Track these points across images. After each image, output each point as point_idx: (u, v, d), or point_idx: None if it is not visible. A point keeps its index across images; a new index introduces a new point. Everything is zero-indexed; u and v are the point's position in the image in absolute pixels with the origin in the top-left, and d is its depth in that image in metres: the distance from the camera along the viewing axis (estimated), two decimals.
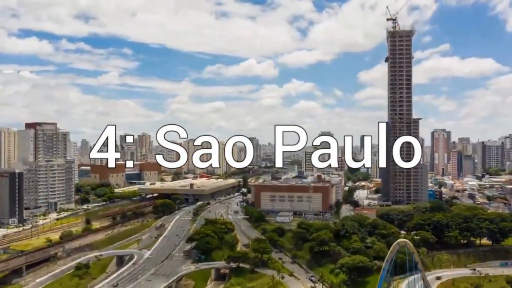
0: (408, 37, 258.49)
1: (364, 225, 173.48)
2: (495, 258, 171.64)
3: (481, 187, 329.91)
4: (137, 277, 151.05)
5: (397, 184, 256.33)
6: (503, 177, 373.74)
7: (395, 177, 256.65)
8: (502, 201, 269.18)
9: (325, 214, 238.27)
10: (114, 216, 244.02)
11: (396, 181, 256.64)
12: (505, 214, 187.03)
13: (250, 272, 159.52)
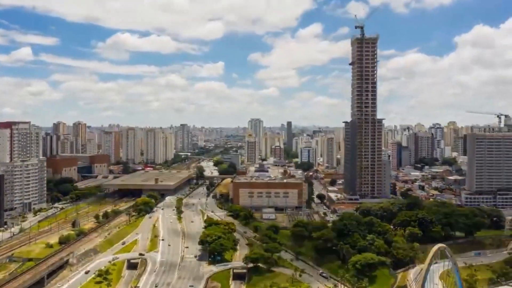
0: (373, 44, 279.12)
1: (361, 223, 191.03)
2: (470, 249, 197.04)
3: (424, 178, 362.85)
4: (168, 282, 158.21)
5: (363, 179, 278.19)
6: (441, 167, 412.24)
7: (361, 173, 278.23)
8: (452, 192, 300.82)
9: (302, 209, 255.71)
10: (97, 216, 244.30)
11: (362, 176, 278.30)
12: (476, 210, 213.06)
13: (267, 271, 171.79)
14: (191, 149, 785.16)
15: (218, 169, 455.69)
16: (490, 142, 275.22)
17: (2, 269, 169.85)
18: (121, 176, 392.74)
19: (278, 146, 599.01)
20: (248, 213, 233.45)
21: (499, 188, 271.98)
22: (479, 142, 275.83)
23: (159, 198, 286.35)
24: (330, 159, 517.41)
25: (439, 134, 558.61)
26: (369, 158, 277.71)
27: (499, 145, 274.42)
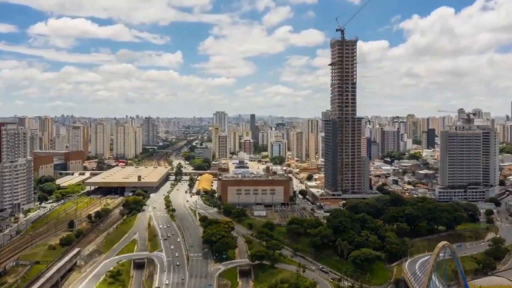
0: (353, 46, 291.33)
1: (354, 220, 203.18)
2: (452, 241, 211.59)
3: (395, 172, 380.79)
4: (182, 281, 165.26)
5: (344, 175, 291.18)
6: (409, 161, 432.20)
7: (342, 169, 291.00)
8: (424, 186, 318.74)
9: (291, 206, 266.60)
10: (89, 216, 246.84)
11: (343, 172, 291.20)
12: (456, 205, 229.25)
13: (271, 268, 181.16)
14: (155, 143, 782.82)
15: (192, 164, 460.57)
16: (461, 139, 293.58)
17: (11, 273, 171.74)
18: (98, 172, 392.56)
19: (247, 140, 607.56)
20: (240, 210, 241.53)
21: (469, 182, 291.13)
22: (451, 139, 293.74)
23: (147, 196, 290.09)
24: (299, 153, 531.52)
25: (402, 127, 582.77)
26: (349, 155, 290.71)
27: (469, 142, 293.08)
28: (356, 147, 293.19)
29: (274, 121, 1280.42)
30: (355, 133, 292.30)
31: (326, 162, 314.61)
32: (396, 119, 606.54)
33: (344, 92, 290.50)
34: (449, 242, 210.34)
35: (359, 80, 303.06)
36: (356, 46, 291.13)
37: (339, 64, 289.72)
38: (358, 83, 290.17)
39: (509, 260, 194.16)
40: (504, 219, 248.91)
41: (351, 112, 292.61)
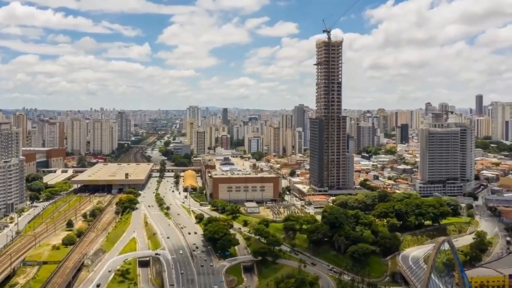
0: (339, 47, 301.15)
1: (349, 216, 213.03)
2: (438, 235, 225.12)
3: (374, 168, 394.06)
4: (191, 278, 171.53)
5: (330, 172, 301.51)
6: (386, 156, 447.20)
7: (328, 166, 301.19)
8: (405, 182, 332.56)
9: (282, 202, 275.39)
10: (84, 215, 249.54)
11: (329, 169, 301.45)
12: (440, 201, 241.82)
13: (273, 264, 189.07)
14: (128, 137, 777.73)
15: (173, 160, 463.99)
16: (440, 136, 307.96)
17: (20, 274, 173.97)
18: (80, 170, 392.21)
19: (224, 135, 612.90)
20: (235, 207, 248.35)
21: (447, 177, 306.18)
22: (431, 137, 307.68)
23: (138, 194, 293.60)
24: (276, 148, 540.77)
25: (375, 122, 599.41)
26: (335, 152, 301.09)
27: (448, 139, 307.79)
28: (341, 144, 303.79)
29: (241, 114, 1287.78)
30: (340, 131, 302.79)
31: (311, 159, 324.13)
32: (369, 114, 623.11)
33: (330, 91, 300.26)
34: (435, 235, 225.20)
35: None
36: (341, 47, 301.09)
37: (325, 64, 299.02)
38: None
39: (492, 252, 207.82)
40: (482, 212, 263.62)
41: (337, 110, 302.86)
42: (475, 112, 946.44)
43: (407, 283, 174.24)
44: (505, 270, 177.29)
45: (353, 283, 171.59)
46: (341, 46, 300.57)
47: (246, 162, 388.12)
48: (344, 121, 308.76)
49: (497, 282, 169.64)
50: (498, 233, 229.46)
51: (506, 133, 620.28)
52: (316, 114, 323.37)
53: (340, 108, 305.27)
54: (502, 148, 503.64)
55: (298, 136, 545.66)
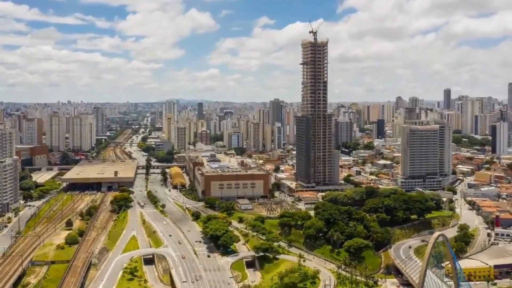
0: (324, 48, 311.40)
1: (342, 212, 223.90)
2: (424, 229, 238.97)
3: (355, 163, 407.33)
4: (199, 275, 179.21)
5: (317, 168, 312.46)
6: (365, 152, 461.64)
7: (314, 162, 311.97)
8: (386, 177, 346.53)
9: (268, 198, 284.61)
10: (81, 214, 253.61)
11: (315, 165, 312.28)
12: (425, 196, 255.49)
13: (273, 259, 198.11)
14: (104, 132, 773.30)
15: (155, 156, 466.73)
16: (421, 133, 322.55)
17: (30, 274, 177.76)
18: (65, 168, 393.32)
19: (204, 131, 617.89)
20: (229, 204, 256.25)
21: (427, 172, 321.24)
22: (412, 134, 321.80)
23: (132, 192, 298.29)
24: (256, 143, 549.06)
25: (351, 117, 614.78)
26: (321, 149, 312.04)
27: (428, 136, 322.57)
28: (327, 141, 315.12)
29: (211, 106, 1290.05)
30: (326, 129, 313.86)
31: (298, 156, 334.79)
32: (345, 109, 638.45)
33: (316, 90, 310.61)
34: (421, 229, 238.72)
35: (294, 65, 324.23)
36: (327, 47, 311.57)
37: (311, 64, 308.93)
38: (293, 69, 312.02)
39: (475, 244, 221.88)
40: (462, 206, 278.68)
41: (323, 109, 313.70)
42: (443, 106, 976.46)
43: (401, 274, 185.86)
44: (490, 261, 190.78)
45: (352, 276, 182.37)
46: (326, 46, 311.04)
47: (232, 159, 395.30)
48: (330, 119, 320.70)
49: (483, 272, 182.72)
50: (479, 225, 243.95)
51: (475, 127, 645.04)
52: (302, 112, 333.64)
53: (326, 107, 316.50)
54: (474, 142, 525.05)
55: (278, 131, 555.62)
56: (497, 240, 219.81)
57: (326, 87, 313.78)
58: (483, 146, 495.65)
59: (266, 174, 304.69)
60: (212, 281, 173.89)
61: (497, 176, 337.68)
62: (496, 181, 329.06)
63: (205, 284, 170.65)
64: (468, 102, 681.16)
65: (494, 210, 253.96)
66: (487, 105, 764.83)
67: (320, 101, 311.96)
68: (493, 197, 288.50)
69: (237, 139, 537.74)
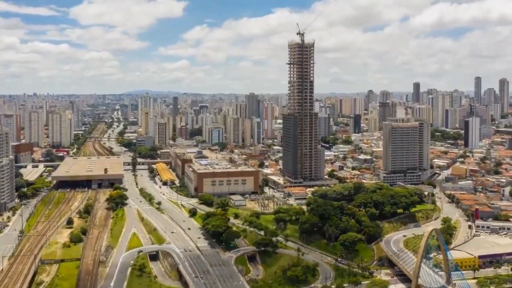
0: (311, 48, 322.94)
1: (335, 208, 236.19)
2: (409, 222, 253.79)
3: (336, 158, 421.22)
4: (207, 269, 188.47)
5: (303, 164, 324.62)
6: (345, 147, 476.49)
7: (301, 159, 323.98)
8: (368, 172, 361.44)
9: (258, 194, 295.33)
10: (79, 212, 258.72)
11: (302, 161, 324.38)
12: (410, 191, 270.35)
13: (273, 253, 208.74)
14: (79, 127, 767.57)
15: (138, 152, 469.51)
16: (402, 130, 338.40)
17: (42, 272, 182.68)
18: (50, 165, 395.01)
19: (184, 126, 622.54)
20: (224, 201, 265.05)
21: (408, 167, 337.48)
22: (394, 130, 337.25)
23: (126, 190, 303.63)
24: (236, 138, 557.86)
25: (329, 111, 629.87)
26: (308, 146, 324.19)
27: (408, 133, 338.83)
28: (314, 138, 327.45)
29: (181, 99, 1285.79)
30: (312, 127, 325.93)
31: (285, 152, 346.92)
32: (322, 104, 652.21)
33: (303, 90, 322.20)
34: (407, 222, 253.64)
35: (260, 56, 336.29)
36: (313, 48, 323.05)
37: (298, 65, 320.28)
38: (262, 60, 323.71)
39: (458, 235, 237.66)
40: (441, 199, 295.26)
41: (309, 107, 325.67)
42: (411, 98, 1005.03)
43: (394, 266, 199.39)
44: (474, 251, 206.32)
45: (349, 268, 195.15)
46: (313, 47, 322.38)
47: (218, 155, 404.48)
48: (316, 117, 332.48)
49: (469, 262, 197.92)
50: (459, 218, 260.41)
51: (446, 121, 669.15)
52: (289, 110, 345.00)
53: (312, 105, 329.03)
54: (446, 136, 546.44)
55: (257, 126, 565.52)
56: (478, 232, 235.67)
57: (313, 87, 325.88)
58: (455, 140, 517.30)
59: (257, 170, 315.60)
60: (220, 275, 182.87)
61: (472, 170, 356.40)
62: (471, 175, 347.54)
63: (214, 278, 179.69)
64: (439, 97, 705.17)
65: (473, 203, 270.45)
66: (456, 99, 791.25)
67: (307, 100, 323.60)
68: (470, 191, 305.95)
69: (218, 134, 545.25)
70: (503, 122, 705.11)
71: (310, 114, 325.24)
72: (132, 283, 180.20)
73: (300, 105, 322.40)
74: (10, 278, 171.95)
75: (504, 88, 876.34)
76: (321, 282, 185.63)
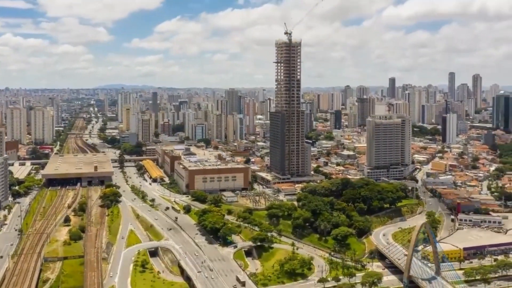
0: (298, 47, 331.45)
1: (325, 203, 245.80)
2: (396, 216, 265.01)
3: (320, 154, 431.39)
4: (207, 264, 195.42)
5: (291, 161, 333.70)
6: (328, 142, 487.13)
7: (289, 155, 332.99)
8: (353, 167, 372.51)
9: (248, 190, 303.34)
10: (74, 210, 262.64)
11: (290, 158, 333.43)
12: (396, 186, 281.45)
13: (269, 248, 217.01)
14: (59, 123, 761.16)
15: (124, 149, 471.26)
16: (385, 127, 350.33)
17: (46, 270, 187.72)
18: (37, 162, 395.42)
19: (167, 122, 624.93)
20: (217, 197, 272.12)
21: (391, 163, 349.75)
22: (377, 127, 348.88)
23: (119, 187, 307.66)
24: (219, 134, 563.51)
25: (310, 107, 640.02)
26: (295, 143, 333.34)
27: (391, 129, 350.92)
28: (300, 135, 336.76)
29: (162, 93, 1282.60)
30: (299, 124, 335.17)
31: (272, 149, 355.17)
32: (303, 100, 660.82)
33: (291, 88, 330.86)
34: (394, 216, 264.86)
35: (236, 49, 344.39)
36: (300, 47, 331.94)
37: (286, 63, 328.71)
38: (235, 53, 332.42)
39: (442, 229, 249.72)
40: (424, 193, 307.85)
41: (296, 105, 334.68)
42: (387, 94, 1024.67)
43: (384, 258, 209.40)
44: (459, 244, 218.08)
45: (343, 261, 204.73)
46: (300, 46, 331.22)
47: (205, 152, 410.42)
48: (303, 115, 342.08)
49: (455, 254, 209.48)
50: (442, 212, 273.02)
51: (422, 117, 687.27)
52: (277, 108, 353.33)
53: (299, 103, 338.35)
54: (424, 132, 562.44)
55: (240, 122, 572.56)
56: (461, 225, 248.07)
57: (300, 85, 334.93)
58: (433, 135, 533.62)
59: (246, 167, 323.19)
60: (221, 270, 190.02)
61: (451, 165, 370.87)
62: (451, 170, 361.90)
63: (216, 273, 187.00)
64: (416, 92, 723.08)
65: (454, 198, 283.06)
66: (432, 95, 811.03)
67: (294, 98, 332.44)
68: (450, 185, 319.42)
69: (201, 130, 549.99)
70: (477, 118, 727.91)
71: (297, 112, 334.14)
72: (136, 279, 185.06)
73: (288, 103, 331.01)
74: (17, 276, 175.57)
75: (477, 84, 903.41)
76: (317, 275, 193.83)
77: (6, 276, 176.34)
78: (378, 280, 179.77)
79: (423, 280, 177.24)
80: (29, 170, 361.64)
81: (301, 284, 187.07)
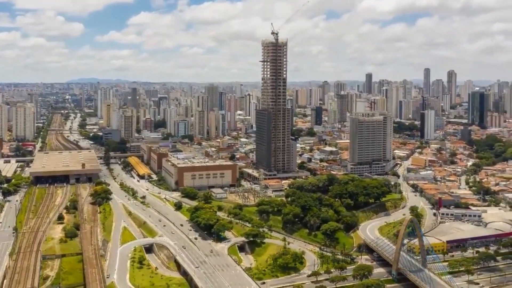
0: (285, 47, 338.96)
1: (314, 199, 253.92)
2: (380, 211, 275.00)
3: (303, 150, 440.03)
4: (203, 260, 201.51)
5: (277, 157, 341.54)
6: (311, 139, 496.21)
7: (275, 152, 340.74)
8: (336, 163, 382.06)
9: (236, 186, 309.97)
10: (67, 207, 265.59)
11: (276, 155, 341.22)
12: (379, 182, 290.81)
13: (261, 243, 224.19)
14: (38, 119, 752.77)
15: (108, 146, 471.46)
16: (367, 124, 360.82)
17: (45, 267, 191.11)
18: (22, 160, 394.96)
19: (148, 118, 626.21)
20: (207, 194, 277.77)
21: (373, 159, 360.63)
22: (360, 124, 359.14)
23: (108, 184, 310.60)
24: (201, 131, 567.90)
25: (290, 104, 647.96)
26: (281, 139, 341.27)
27: (373, 126, 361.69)
28: (286, 133, 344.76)
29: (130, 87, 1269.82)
30: (285, 121, 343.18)
31: (259, 146, 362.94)
32: None
33: (277, 86, 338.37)
34: (378, 211, 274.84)
35: (211, 43, 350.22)
36: (286, 47, 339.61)
37: (272, 62, 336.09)
38: (211, 47, 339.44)
39: (425, 223, 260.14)
40: (406, 189, 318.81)
41: (282, 103, 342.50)
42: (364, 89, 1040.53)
43: (372, 252, 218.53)
44: (442, 237, 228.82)
45: (333, 255, 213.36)
46: (286, 46, 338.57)
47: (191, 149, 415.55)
48: (289, 112, 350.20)
49: (439, 247, 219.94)
50: (424, 207, 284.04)
51: (400, 113, 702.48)
52: (263, 105, 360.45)
53: (285, 101, 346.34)
54: (403, 127, 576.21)
55: (222, 118, 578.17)
56: (443, 219, 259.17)
57: (286, 83, 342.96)
58: (411, 131, 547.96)
59: (234, 164, 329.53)
60: (217, 265, 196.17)
61: (431, 160, 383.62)
62: (430, 165, 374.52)
63: (212, 268, 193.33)
64: (393, 88, 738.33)
65: (435, 193, 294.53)
66: (408, 90, 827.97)
67: (280, 96, 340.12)
68: (431, 180, 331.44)
69: (184, 126, 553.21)
70: (452, 113, 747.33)
71: (283, 109, 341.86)
72: (134, 275, 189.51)
73: (274, 101, 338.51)
74: (19, 274, 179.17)
75: (452, 80, 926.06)
76: (309, 268, 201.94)
77: (8, 273, 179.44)
78: (368, 272, 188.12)
79: (411, 272, 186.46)
80: (15, 168, 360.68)
81: (295, 277, 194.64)
